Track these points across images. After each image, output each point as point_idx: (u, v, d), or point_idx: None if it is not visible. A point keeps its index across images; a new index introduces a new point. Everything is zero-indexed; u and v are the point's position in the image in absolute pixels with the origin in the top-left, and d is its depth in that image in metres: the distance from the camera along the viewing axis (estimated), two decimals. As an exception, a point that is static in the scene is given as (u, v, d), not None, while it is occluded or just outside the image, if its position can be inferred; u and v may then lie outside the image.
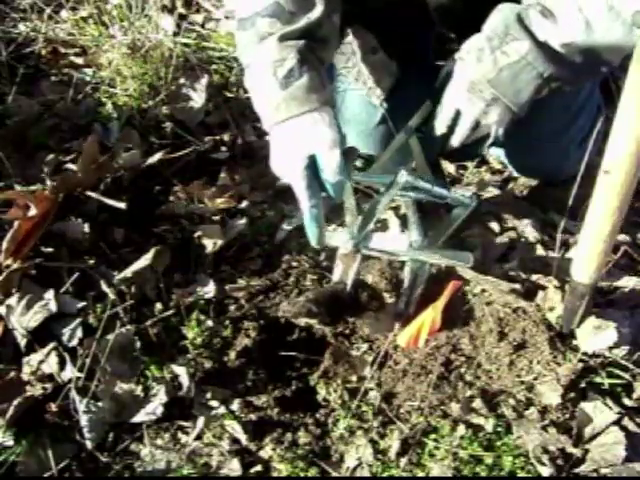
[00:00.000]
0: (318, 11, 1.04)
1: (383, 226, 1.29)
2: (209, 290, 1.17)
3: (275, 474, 0.95)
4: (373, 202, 1.15)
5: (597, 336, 1.07)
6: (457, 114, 1.10)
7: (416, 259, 1.15)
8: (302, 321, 1.10)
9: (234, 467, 0.94)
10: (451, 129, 1.12)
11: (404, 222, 1.26)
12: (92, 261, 1.19)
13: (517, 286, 1.15)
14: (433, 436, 0.98)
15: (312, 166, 0.98)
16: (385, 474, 0.95)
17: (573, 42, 0.97)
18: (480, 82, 1.03)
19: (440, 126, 1.13)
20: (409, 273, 1.15)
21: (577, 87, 1.12)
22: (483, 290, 1.17)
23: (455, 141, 1.12)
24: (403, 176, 1.06)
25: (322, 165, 0.98)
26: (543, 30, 0.98)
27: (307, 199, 0.98)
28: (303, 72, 0.99)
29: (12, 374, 1.02)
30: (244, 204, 1.36)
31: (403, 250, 1.15)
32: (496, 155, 1.49)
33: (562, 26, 0.97)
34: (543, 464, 0.94)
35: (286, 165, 1.01)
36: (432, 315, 1.05)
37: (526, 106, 1.06)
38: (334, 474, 0.95)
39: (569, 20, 0.96)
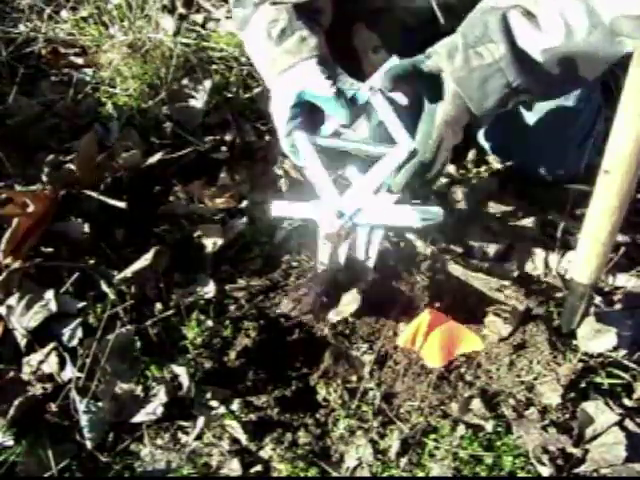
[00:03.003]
0: None
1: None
2: (209, 290, 1.17)
3: (275, 474, 0.95)
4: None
5: (597, 339, 1.07)
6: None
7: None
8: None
9: (234, 467, 0.94)
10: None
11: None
12: (92, 261, 1.19)
13: (507, 283, 1.15)
14: (433, 436, 0.98)
15: (303, 104, 1.08)
16: (385, 474, 0.95)
17: (553, 47, 0.93)
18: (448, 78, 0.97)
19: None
20: (363, 238, 1.10)
21: (546, 100, 1.07)
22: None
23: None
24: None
25: (316, 91, 1.06)
26: (524, 33, 0.93)
27: (284, 126, 1.08)
28: (294, 29, 1.11)
29: (12, 374, 1.02)
30: (244, 204, 1.36)
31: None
32: (495, 154, 1.49)
33: (543, 29, 0.93)
34: (543, 464, 0.94)
35: (277, 106, 1.10)
36: (428, 318, 1.04)
37: (489, 116, 1.00)
38: (334, 474, 0.95)
39: (550, 23, 0.92)
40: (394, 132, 1.06)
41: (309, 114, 1.10)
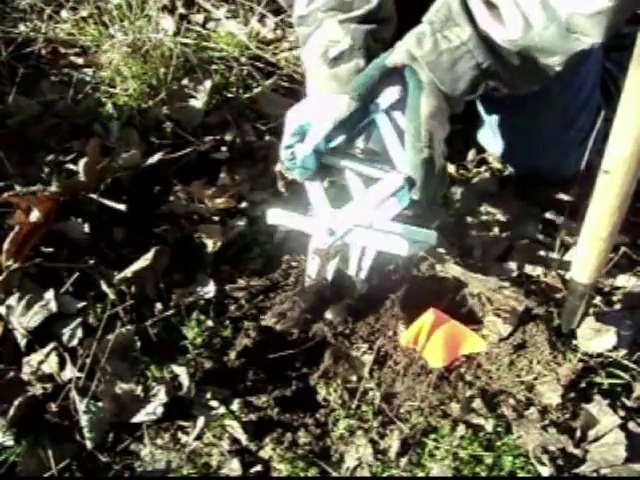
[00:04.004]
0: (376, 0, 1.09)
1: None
2: (209, 290, 1.17)
3: (275, 474, 0.95)
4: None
5: (597, 339, 1.07)
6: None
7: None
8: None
9: (234, 467, 0.94)
10: None
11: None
12: (92, 261, 1.19)
13: (506, 284, 1.15)
14: (433, 436, 0.98)
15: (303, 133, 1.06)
16: (385, 474, 0.95)
17: (512, 39, 0.92)
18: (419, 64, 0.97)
19: None
20: (356, 250, 1.10)
21: (513, 93, 1.02)
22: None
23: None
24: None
25: (308, 133, 1.05)
26: (485, 21, 0.93)
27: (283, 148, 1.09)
28: (353, 56, 1.06)
29: (12, 374, 1.02)
30: (244, 204, 1.36)
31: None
32: (496, 155, 1.49)
33: (504, 20, 0.92)
34: (543, 464, 0.94)
35: (294, 114, 1.09)
36: (431, 318, 1.05)
37: (460, 102, 1.00)
38: (334, 474, 0.95)
39: (509, 15, 0.91)
40: (393, 154, 1.06)
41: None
